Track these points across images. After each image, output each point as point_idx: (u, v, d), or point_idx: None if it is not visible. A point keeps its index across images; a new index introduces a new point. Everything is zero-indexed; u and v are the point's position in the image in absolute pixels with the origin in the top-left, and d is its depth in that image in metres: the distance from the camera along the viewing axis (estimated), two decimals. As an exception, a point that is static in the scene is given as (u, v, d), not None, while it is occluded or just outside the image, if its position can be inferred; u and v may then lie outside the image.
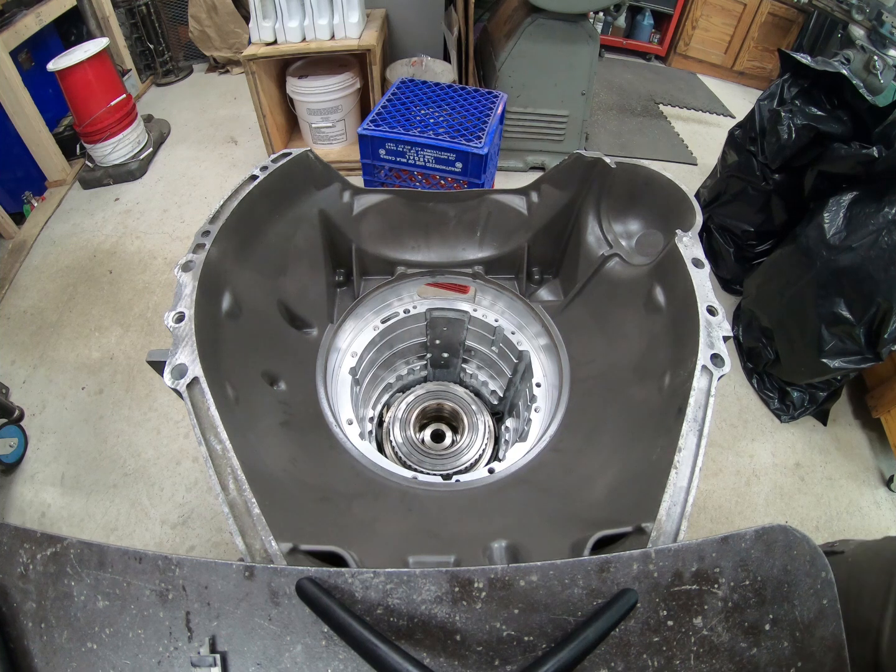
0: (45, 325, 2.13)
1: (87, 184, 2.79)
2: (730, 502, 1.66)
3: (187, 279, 0.59)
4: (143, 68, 3.66)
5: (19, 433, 1.72)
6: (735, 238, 2.12)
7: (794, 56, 1.79)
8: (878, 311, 1.45)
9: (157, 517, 1.58)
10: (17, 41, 2.41)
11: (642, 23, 4.04)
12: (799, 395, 1.81)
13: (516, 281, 0.95)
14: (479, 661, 0.36)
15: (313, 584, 0.36)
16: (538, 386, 0.86)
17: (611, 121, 3.32)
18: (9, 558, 0.40)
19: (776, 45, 3.39)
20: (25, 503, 1.63)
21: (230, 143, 3.09)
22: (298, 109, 2.72)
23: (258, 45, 2.41)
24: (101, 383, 1.92)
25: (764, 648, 0.37)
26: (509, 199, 0.90)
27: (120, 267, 2.36)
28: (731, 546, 0.38)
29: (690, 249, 0.63)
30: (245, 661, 0.36)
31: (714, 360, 0.52)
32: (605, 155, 0.79)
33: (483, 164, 1.79)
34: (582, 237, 0.86)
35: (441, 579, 0.37)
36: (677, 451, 0.47)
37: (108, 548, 0.39)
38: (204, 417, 0.49)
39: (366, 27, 2.46)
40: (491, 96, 2.01)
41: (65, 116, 2.90)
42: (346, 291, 0.95)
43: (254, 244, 0.76)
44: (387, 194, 0.90)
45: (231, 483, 0.46)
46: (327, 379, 0.84)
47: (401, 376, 1.10)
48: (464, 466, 0.89)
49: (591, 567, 0.37)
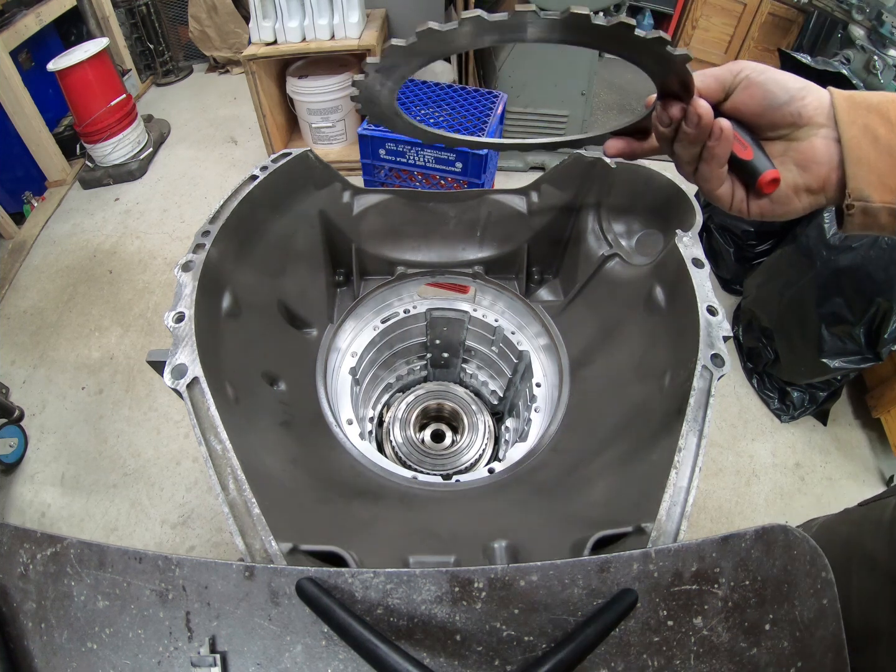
0: (45, 325, 2.13)
1: (87, 184, 2.79)
2: (730, 502, 1.66)
3: (187, 279, 0.59)
4: (143, 68, 3.66)
5: (19, 433, 1.73)
6: (735, 238, 2.12)
7: (794, 56, 1.79)
8: (877, 311, 1.45)
9: (157, 517, 1.58)
10: (17, 41, 2.42)
11: (642, 23, 4.04)
12: (799, 395, 1.81)
13: (516, 281, 0.95)
14: (479, 661, 0.36)
15: (313, 584, 0.36)
16: (538, 386, 0.86)
17: (611, 121, 3.32)
18: (9, 558, 0.40)
19: (776, 45, 3.38)
20: (25, 503, 1.63)
21: (230, 143, 3.09)
22: (298, 109, 2.73)
23: (258, 45, 2.41)
24: (101, 383, 1.93)
25: (764, 648, 0.37)
26: (509, 199, 0.90)
27: (120, 267, 2.36)
28: (731, 546, 0.38)
29: (690, 249, 0.63)
30: (245, 661, 0.36)
31: (714, 360, 0.52)
32: (605, 155, 0.79)
33: (483, 163, 1.79)
34: (582, 237, 0.86)
35: (441, 579, 0.37)
36: (677, 451, 0.47)
37: (108, 548, 0.39)
38: (204, 417, 0.49)
39: (366, 27, 2.46)
40: (491, 96, 2.01)
41: (65, 116, 2.90)
42: (346, 291, 0.95)
43: (254, 244, 0.76)
44: (387, 194, 0.90)
45: (231, 483, 0.46)
46: (327, 379, 0.84)
47: (401, 376, 1.10)
48: (464, 466, 0.89)
49: (591, 567, 0.37)
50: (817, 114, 0.43)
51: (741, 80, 0.45)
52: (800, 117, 0.44)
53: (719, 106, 0.46)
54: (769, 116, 0.45)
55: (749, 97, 0.45)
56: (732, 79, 0.45)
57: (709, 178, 0.47)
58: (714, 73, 0.46)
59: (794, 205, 0.46)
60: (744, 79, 0.45)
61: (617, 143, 0.52)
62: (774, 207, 0.47)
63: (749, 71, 0.45)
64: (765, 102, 0.44)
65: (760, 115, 0.45)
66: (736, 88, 0.45)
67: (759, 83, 0.44)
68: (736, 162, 0.46)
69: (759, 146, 0.46)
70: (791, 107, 0.44)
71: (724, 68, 0.46)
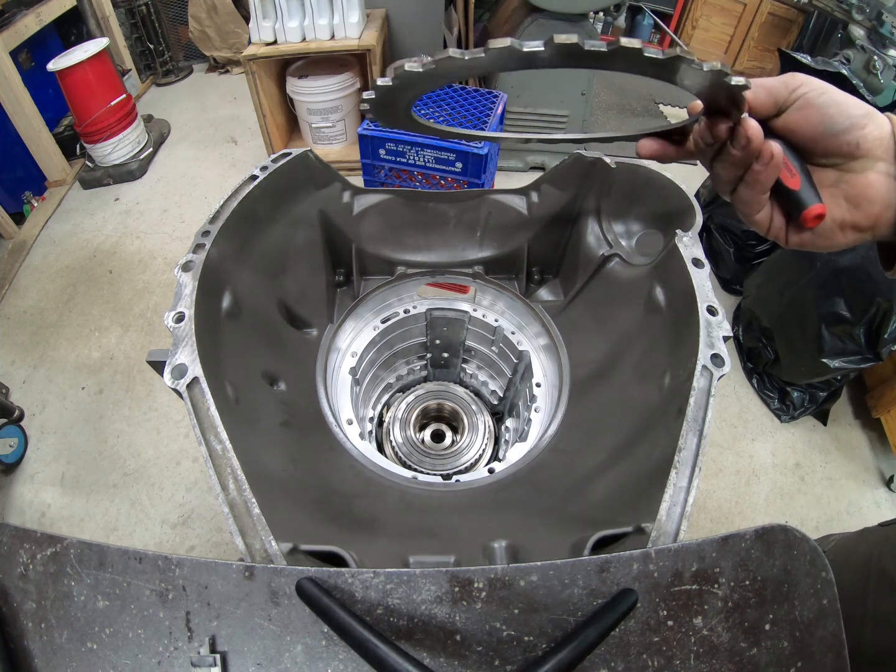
0: (45, 325, 2.13)
1: (87, 184, 2.79)
2: (730, 502, 1.66)
3: (187, 279, 0.59)
4: (143, 68, 3.66)
5: (19, 433, 1.72)
6: (735, 238, 2.12)
7: (794, 56, 1.79)
8: (877, 311, 1.45)
9: (157, 517, 1.58)
10: (17, 41, 2.41)
11: (642, 23, 4.04)
12: (799, 395, 1.81)
13: (516, 281, 0.95)
14: (479, 661, 0.36)
15: (313, 584, 0.36)
16: (538, 386, 0.86)
17: (611, 121, 3.32)
18: (9, 558, 0.40)
19: (776, 45, 3.39)
20: (25, 503, 1.63)
21: (230, 143, 3.09)
22: (298, 109, 2.73)
23: (258, 45, 2.41)
24: (101, 383, 1.92)
25: (764, 648, 0.37)
26: (509, 199, 0.90)
27: (120, 267, 2.36)
28: (731, 546, 0.38)
29: (690, 249, 0.63)
30: (245, 661, 0.36)
31: (714, 360, 0.52)
32: (605, 155, 0.79)
33: (483, 163, 1.79)
34: (582, 237, 0.86)
35: (441, 579, 0.37)
36: (677, 451, 0.47)
37: (108, 548, 0.39)
38: (204, 417, 0.49)
39: (366, 27, 2.46)
40: (491, 96, 2.01)
41: (65, 116, 2.90)
42: (346, 291, 0.95)
43: (254, 244, 0.76)
44: (387, 194, 0.90)
45: (231, 483, 0.46)
46: (327, 379, 0.84)
47: (401, 376, 1.10)
48: (464, 466, 0.89)
49: (591, 567, 0.37)
50: (876, 146, 0.39)
51: (797, 97, 0.41)
52: (857, 148, 0.40)
53: (768, 122, 0.42)
54: (824, 143, 0.41)
55: (804, 119, 0.41)
56: (788, 94, 0.41)
57: (748, 202, 0.43)
58: (768, 84, 0.42)
59: (837, 240, 0.43)
60: (801, 97, 0.41)
61: (651, 143, 0.47)
62: (815, 240, 0.44)
63: (807, 89, 0.41)
64: (821, 128, 0.40)
65: (815, 141, 0.41)
66: (790, 106, 0.41)
67: (818, 105, 0.40)
68: (780, 189, 0.42)
69: (807, 175, 0.42)
70: (850, 135, 0.39)
71: (780, 81, 0.42)
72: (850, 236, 0.43)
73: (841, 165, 0.41)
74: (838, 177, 0.41)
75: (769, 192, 0.42)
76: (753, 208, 0.44)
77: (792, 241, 0.45)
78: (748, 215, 0.45)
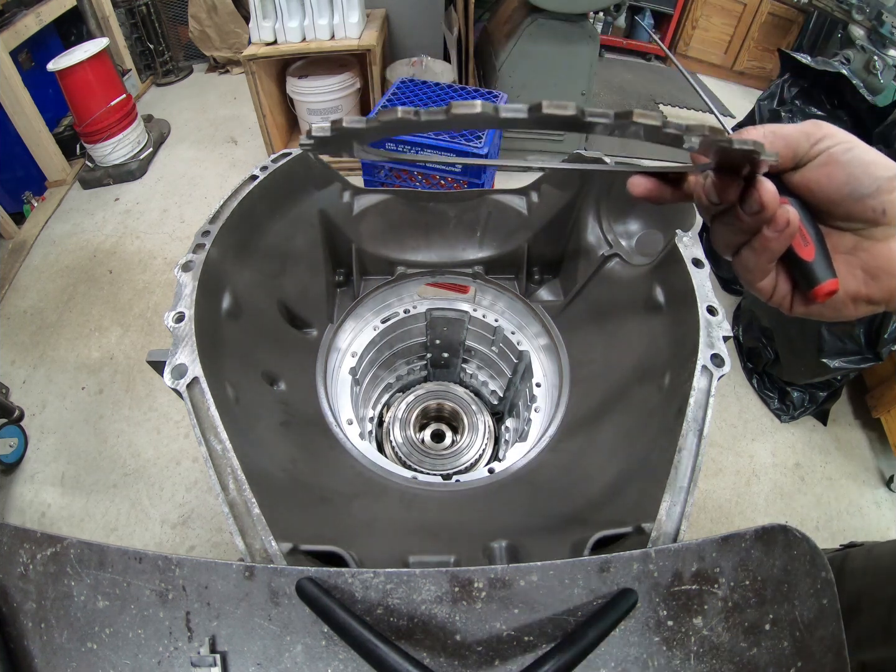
0: (45, 325, 2.13)
1: (87, 184, 2.79)
2: (730, 502, 1.66)
3: (187, 279, 0.59)
4: (143, 68, 3.66)
5: (19, 433, 1.72)
6: (735, 238, 2.12)
7: (794, 56, 1.79)
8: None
9: (157, 517, 1.58)
10: (17, 41, 2.41)
11: (642, 22, 4.04)
12: (799, 395, 1.81)
13: (516, 281, 0.95)
14: (479, 661, 0.36)
15: (313, 584, 0.36)
16: (538, 386, 0.86)
17: (611, 121, 3.32)
18: (9, 558, 0.40)
19: (776, 45, 3.39)
20: (25, 503, 1.63)
21: (230, 143, 3.09)
22: (298, 109, 2.72)
23: (258, 45, 2.41)
24: (101, 383, 1.92)
25: (764, 648, 0.37)
26: (509, 199, 0.90)
27: (120, 267, 2.36)
28: (731, 546, 0.38)
29: (690, 249, 0.63)
30: (245, 661, 0.36)
31: (714, 360, 0.52)
32: (605, 155, 0.79)
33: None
34: (582, 237, 0.86)
35: (441, 579, 0.37)
36: (677, 451, 0.47)
37: (108, 548, 0.39)
38: (204, 417, 0.49)
39: (366, 27, 2.46)
40: (491, 96, 2.01)
41: (65, 116, 2.90)
42: (346, 291, 0.95)
43: (254, 244, 0.76)
44: (387, 194, 0.90)
45: (231, 483, 0.46)
46: (327, 379, 0.84)
47: (401, 376, 1.10)
48: (464, 466, 0.89)
49: (591, 567, 0.37)
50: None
51: (820, 151, 0.36)
52: (883, 215, 0.35)
53: (783, 176, 0.37)
54: (847, 207, 0.36)
55: (826, 177, 0.35)
56: (809, 147, 0.36)
57: (752, 268, 0.38)
58: (786, 133, 0.36)
59: (847, 312, 0.38)
60: (823, 151, 0.36)
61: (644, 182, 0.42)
62: (823, 311, 0.39)
63: (832, 142, 0.35)
64: (846, 189, 0.35)
65: (835, 204, 0.36)
66: (811, 161, 0.36)
67: (843, 163, 0.35)
68: (790, 257, 0.37)
69: (822, 245, 0.36)
70: (875, 200, 0.34)
71: (801, 131, 0.36)
72: (863, 309, 0.38)
73: (860, 231, 0.37)
74: (856, 243, 0.37)
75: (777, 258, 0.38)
76: (757, 276, 0.39)
77: (797, 311, 0.40)
78: (751, 282, 0.40)
